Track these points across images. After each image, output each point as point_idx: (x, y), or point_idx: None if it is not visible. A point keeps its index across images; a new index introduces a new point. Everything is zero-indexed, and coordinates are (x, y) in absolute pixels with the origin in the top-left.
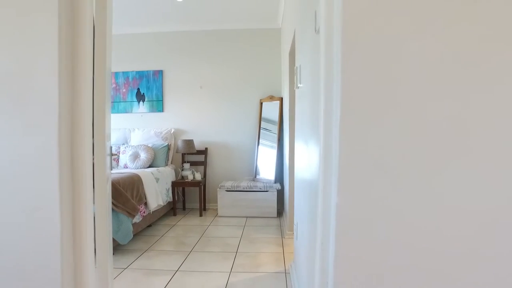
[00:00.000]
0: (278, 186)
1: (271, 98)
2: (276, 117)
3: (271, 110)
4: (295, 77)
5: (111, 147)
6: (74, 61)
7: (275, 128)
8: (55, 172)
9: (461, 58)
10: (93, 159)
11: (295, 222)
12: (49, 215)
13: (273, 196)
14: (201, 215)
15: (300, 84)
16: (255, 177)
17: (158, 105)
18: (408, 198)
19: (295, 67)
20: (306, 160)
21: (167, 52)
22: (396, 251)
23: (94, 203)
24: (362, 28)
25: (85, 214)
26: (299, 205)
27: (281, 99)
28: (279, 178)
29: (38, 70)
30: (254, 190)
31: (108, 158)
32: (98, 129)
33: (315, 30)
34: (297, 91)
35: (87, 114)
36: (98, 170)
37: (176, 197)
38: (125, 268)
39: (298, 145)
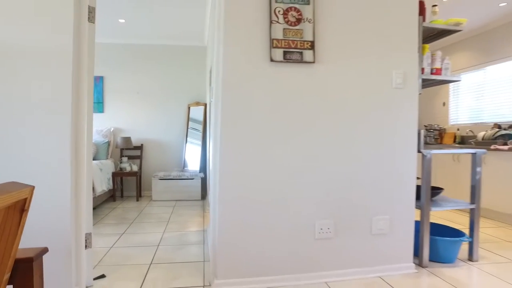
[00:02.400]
0: (202, 175)
1: (197, 103)
2: (201, 119)
3: (197, 113)
4: (210, 92)
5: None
6: (79, 88)
7: (200, 128)
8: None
9: (277, 100)
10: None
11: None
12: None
13: (198, 183)
14: (137, 200)
15: (212, 99)
16: (183, 168)
17: (99, 106)
18: (253, 159)
19: (210, 86)
20: (213, 148)
21: (108, 61)
22: (252, 183)
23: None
24: (230, 82)
25: (83, 176)
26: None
27: (205, 105)
28: (203, 168)
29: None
30: (183, 178)
31: (91, 149)
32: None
33: (212, 74)
34: (212, 103)
35: (86, 118)
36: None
37: (115, 186)
38: None
39: (211, 140)
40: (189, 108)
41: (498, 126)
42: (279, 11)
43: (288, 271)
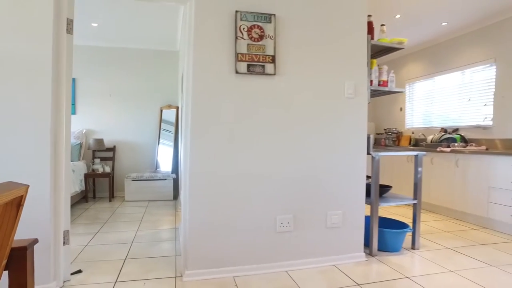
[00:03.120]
0: (174, 175)
1: (170, 106)
2: (173, 121)
3: (170, 115)
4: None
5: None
6: (59, 95)
7: (173, 129)
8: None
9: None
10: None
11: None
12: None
13: (170, 184)
14: (110, 201)
15: (183, 104)
16: (156, 169)
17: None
18: (221, 161)
19: (182, 93)
20: (183, 151)
21: (80, 63)
22: (219, 183)
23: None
24: (199, 92)
25: (63, 172)
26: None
27: (178, 108)
28: (175, 169)
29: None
30: (155, 179)
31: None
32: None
33: (184, 81)
34: (183, 108)
35: (64, 123)
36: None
37: (87, 187)
38: None
39: (182, 144)
40: (161, 110)
41: (445, 130)
42: (243, 28)
43: (252, 261)
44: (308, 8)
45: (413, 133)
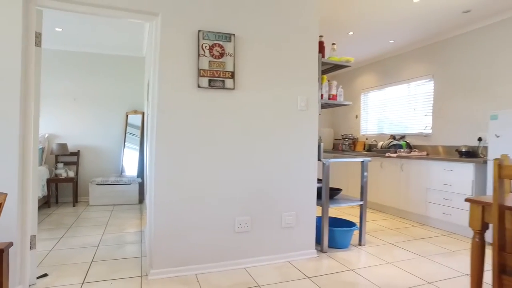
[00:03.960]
0: (139, 180)
1: (135, 112)
2: (139, 125)
3: (136, 120)
4: (148, 104)
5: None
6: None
7: (138, 133)
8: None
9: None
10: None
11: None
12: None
13: (135, 188)
14: (74, 206)
15: (149, 112)
16: (121, 173)
17: None
18: (184, 168)
19: (148, 101)
20: (149, 158)
21: (43, 66)
22: (183, 188)
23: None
24: (164, 104)
25: (30, 178)
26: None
27: (143, 113)
28: (141, 173)
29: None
30: (120, 183)
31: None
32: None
33: (149, 90)
34: (148, 116)
35: (32, 130)
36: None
37: (50, 192)
38: None
39: (148, 151)
40: (127, 116)
41: (393, 137)
42: (205, 46)
43: (213, 259)
44: (265, 29)
45: (367, 139)
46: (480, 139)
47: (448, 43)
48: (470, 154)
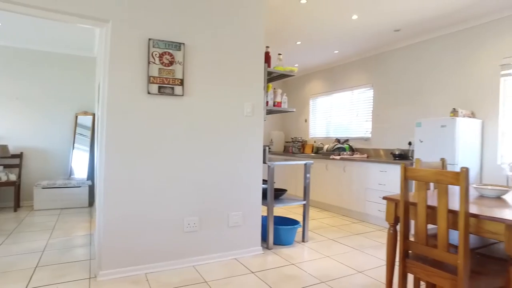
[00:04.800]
0: (89, 182)
1: (85, 113)
2: (90, 125)
3: (86, 121)
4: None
5: None
6: None
7: (89, 134)
8: None
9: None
10: None
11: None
12: None
13: (85, 191)
14: (15, 211)
15: (99, 114)
16: (70, 176)
17: None
18: (135, 170)
19: (99, 103)
20: (99, 161)
21: None
22: (133, 189)
23: None
24: (114, 109)
25: None
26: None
27: (94, 115)
28: (91, 175)
29: None
30: (69, 186)
31: None
32: None
33: (100, 93)
34: (99, 119)
35: None
36: None
37: None
38: None
39: (98, 154)
40: (76, 117)
41: (338, 140)
42: (156, 54)
43: (163, 259)
44: (214, 39)
45: (315, 142)
46: (410, 143)
47: (384, 56)
48: (402, 156)
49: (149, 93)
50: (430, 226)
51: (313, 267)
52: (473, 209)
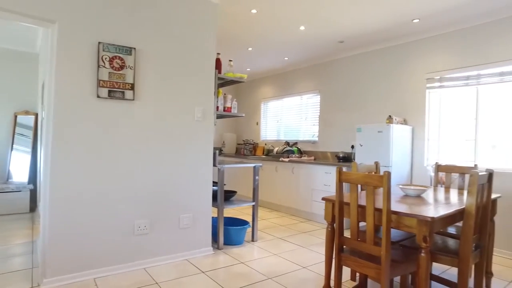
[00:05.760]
0: (31, 186)
1: (27, 112)
2: (32, 125)
3: (27, 121)
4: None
5: None
6: None
7: (30, 134)
8: None
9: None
10: None
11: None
12: None
13: (26, 195)
14: None
15: (44, 116)
16: (8, 179)
17: None
18: (82, 174)
19: (43, 104)
20: (43, 165)
21: None
22: (80, 194)
23: None
24: (61, 113)
25: None
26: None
27: (36, 114)
28: (33, 179)
29: None
30: (6, 191)
31: None
32: None
33: (45, 97)
34: (44, 120)
35: None
36: None
37: None
38: None
39: (42, 159)
40: (16, 116)
41: (287, 143)
42: (106, 58)
43: (113, 262)
44: (166, 45)
45: (266, 144)
46: (352, 147)
47: (330, 65)
48: (346, 159)
49: (98, 96)
50: (363, 223)
51: (261, 264)
52: (396, 207)
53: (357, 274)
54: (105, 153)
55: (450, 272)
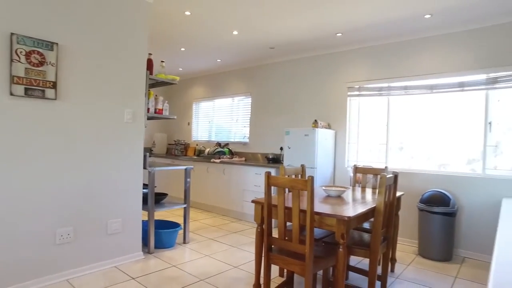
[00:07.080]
0: None
1: None
2: None
3: None
4: None
5: None
6: None
7: None
8: None
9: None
10: None
11: None
12: None
13: None
14: None
15: None
16: None
17: None
18: None
19: None
20: None
21: None
22: None
23: None
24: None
25: None
26: None
27: None
28: None
29: None
30: None
31: None
32: None
33: None
34: None
35: None
36: None
37: None
38: None
39: None
40: None
41: (219, 144)
42: (21, 52)
43: (31, 276)
44: (94, 43)
45: (197, 145)
46: (281, 149)
47: (261, 69)
48: (275, 160)
49: (12, 94)
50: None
51: (193, 266)
52: (318, 208)
53: (285, 271)
54: (22, 156)
55: (365, 262)
